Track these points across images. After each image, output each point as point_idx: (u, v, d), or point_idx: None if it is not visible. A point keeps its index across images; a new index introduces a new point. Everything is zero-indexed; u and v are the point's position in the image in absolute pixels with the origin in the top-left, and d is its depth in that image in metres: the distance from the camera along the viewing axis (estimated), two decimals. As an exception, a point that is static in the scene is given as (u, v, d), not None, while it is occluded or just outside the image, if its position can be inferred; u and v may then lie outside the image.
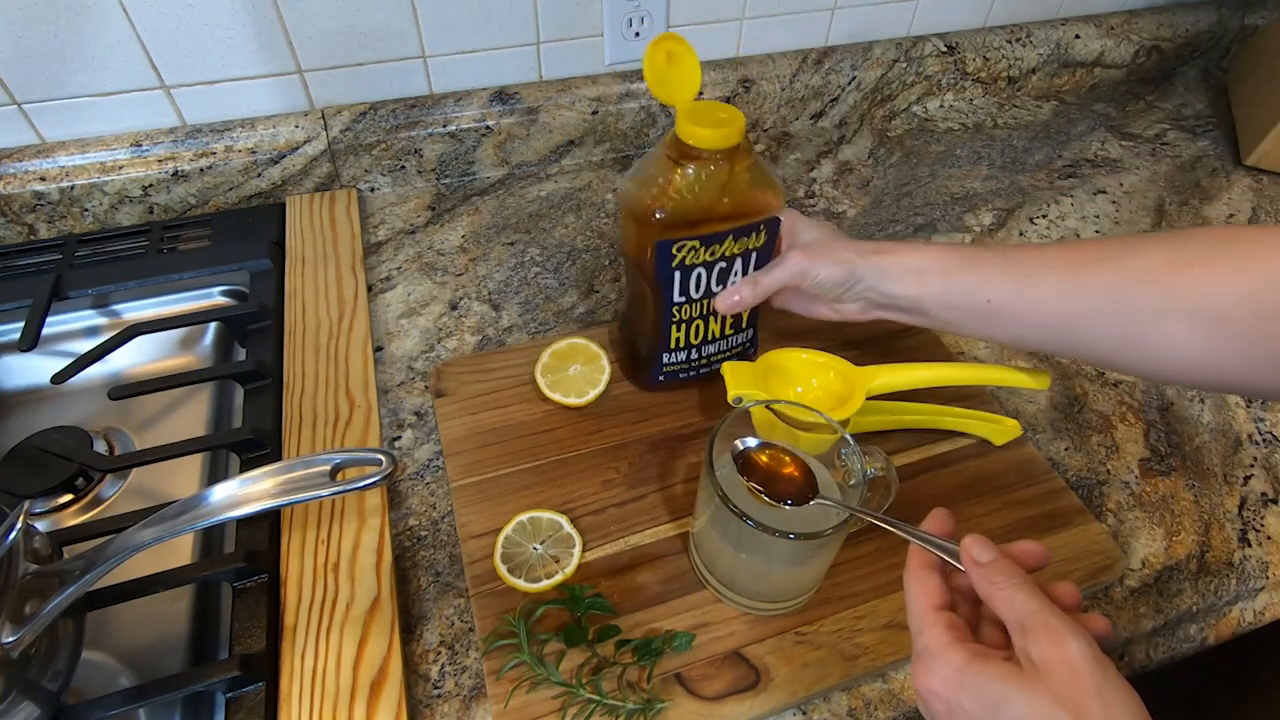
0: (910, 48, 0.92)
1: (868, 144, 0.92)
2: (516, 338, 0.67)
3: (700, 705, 0.45)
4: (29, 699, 0.41)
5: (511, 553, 0.50)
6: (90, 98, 0.70)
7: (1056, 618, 0.32)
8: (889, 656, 0.47)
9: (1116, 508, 0.57)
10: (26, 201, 0.71)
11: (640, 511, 0.54)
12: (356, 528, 0.52)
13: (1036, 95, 1.02)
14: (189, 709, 0.48)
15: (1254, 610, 0.53)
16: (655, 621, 0.48)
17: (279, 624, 0.48)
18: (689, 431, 0.59)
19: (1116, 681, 0.31)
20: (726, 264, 0.53)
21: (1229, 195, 0.87)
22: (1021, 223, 0.82)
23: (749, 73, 0.87)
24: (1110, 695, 0.30)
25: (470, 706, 0.46)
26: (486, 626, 0.48)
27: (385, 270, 0.73)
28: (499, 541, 0.51)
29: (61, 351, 0.67)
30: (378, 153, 0.78)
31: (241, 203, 0.77)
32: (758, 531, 0.41)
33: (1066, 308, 0.45)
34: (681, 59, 0.48)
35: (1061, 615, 0.32)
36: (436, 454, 0.58)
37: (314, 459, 0.41)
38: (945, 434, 0.59)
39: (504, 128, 0.81)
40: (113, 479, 0.59)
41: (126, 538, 0.40)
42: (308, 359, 0.62)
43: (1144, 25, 1.01)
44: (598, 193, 0.83)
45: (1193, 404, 0.65)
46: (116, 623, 0.51)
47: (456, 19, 0.75)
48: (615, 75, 0.83)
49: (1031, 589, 0.34)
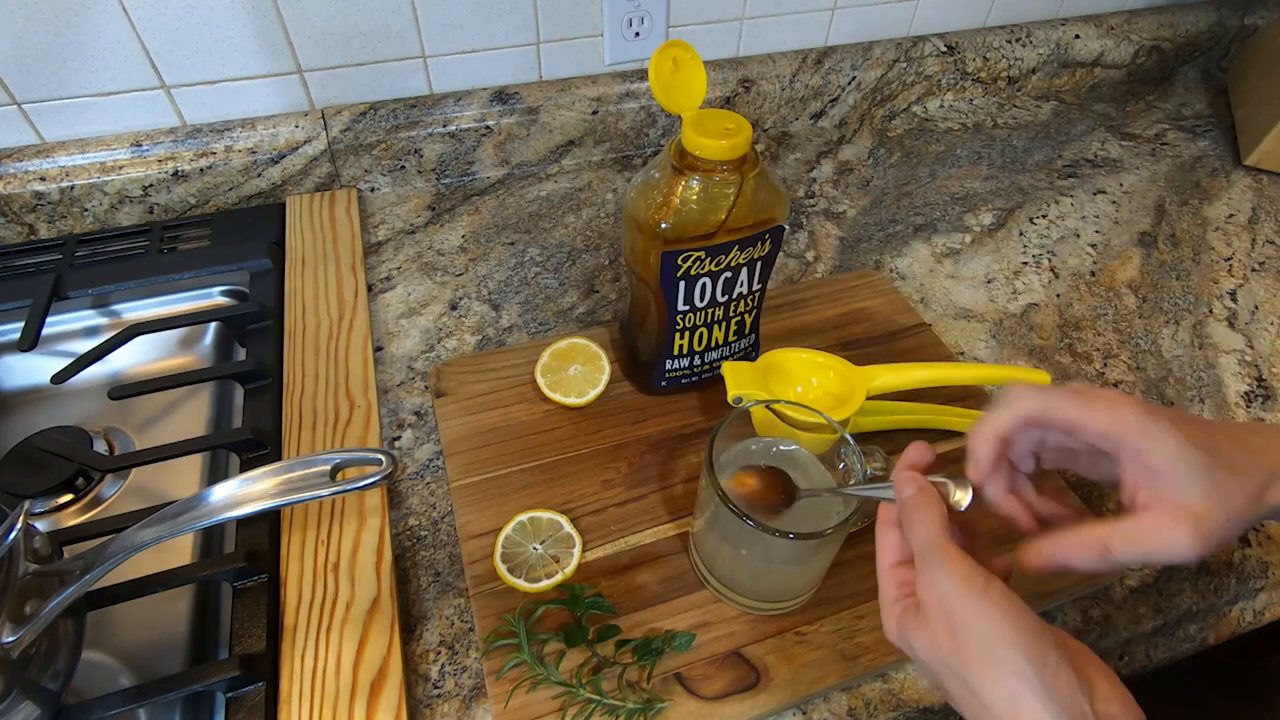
0: (910, 48, 0.92)
1: (868, 144, 0.92)
2: (516, 338, 0.67)
3: (700, 705, 0.45)
4: (29, 698, 0.41)
5: (511, 553, 0.50)
6: (90, 98, 0.70)
7: (932, 558, 0.33)
8: (889, 656, 0.47)
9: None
10: (26, 201, 0.71)
11: (640, 511, 0.54)
12: (356, 528, 0.52)
13: (1036, 95, 1.02)
14: (189, 709, 0.48)
15: (1254, 610, 0.53)
16: (655, 621, 0.48)
17: (279, 624, 0.48)
18: (689, 431, 0.59)
19: (983, 614, 0.31)
20: (732, 274, 0.52)
21: (1229, 195, 0.87)
22: (1021, 223, 0.82)
23: (749, 73, 0.87)
24: (973, 630, 0.31)
25: (470, 706, 0.46)
26: (486, 626, 0.48)
27: (385, 270, 0.73)
28: (499, 541, 0.51)
29: (61, 351, 0.67)
30: (378, 153, 0.78)
31: (241, 203, 0.77)
32: (758, 531, 0.42)
33: None
34: (687, 66, 0.48)
35: (941, 552, 0.34)
36: (436, 454, 0.58)
37: (314, 459, 0.41)
38: (945, 434, 0.59)
39: (504, 128, 0.81)
40: (113, 479, 0.59)
41: (126, 538, 0.40)
42: (308, 359, 0.62)
43: (1144, 25, 1.01)
44: (598, 193, 0.83)
45: (1192, 404, 0.65)
46: (116, 623, 0.51)
47: (456, 19, 0.75)
48: (615, 75, 0.83)
49: (930, 525, 0.35)
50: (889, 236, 0.79)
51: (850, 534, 0.47)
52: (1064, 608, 0.51)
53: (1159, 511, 0.34)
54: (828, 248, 0.77)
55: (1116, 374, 0.67)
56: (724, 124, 0.47)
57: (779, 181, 0.52)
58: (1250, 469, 0.35)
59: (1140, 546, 0.35)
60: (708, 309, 0.54)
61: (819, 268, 0.75)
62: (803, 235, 0.79)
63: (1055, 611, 0.51)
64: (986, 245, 0.79)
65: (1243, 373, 0.67)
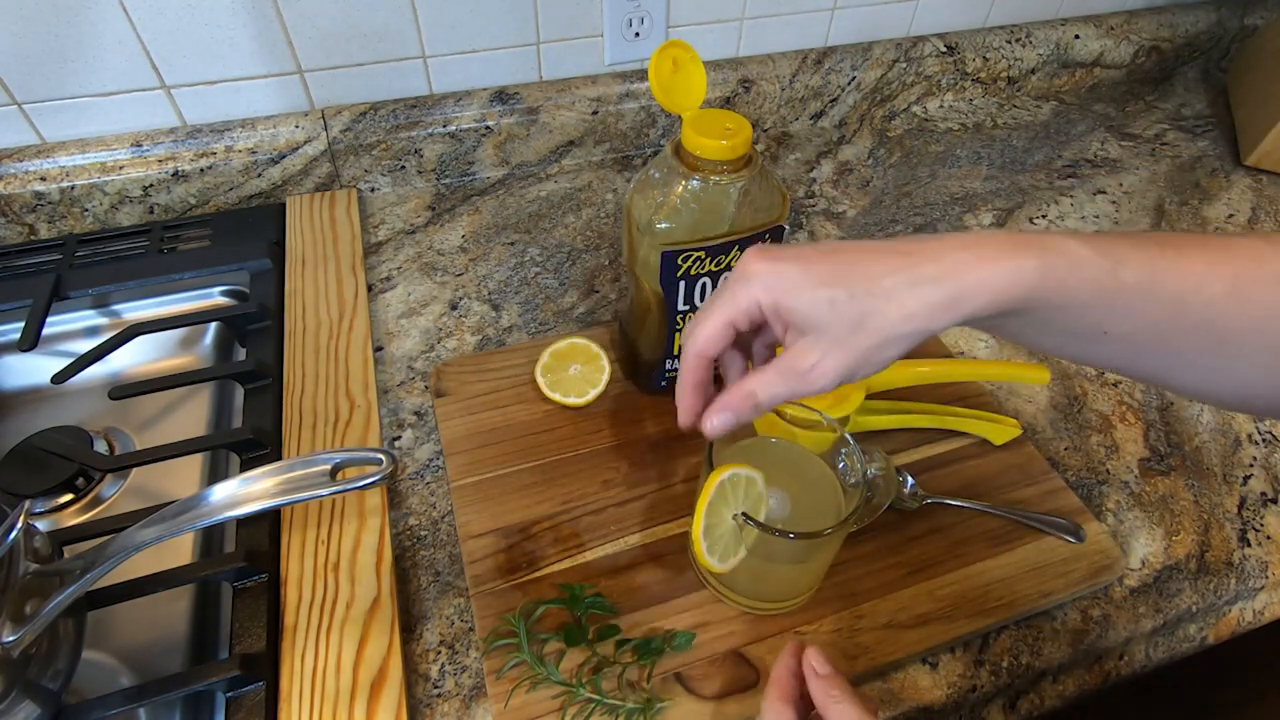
0: (910, 48, 0.92)
1: (868, 144, 0.92)
2: (516, 338, 0.67)
3: (700, 705, 0.45)
4: (29, 698, 0.41)
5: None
6: (90, 98, 0.70)
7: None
8: (889, 656, 0.47)
9: (1116, 507, 0.57)
10: (27, 201, 0.71)
11: (640, 511, 0.54)
12: (356, 528, 0.52)
13: (1036, 95, 1.02)
14: (189, 709, 0.48)
15: (1253, 610, 0.53)
16: (655, 621, 0.48)
17: (279, 624, 0.48)
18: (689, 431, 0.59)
19: None
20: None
21: (1229, 195, 0.87)
22: (1021, 223, 0.82)
23: (749, 73, 0.87)
24: None
25: (470, 706, 0.46)
26: (486, 626, 0.48)
27: (385, 270, 0.73)
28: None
29: (61, 351, 0.67)
30: (378, 153, 0.78)
31: (241, 203, 0.77)
32: (758, 531, 0.42)
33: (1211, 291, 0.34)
34: (687, 67, 0.48)
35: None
36: (436, 454, 0.58)
37: (314, 459, 0.41)
38: (945, 433, 0.59)
39: (504, 128, 0.81)
40: (113, 479, 0.59)
41: (126, 537, 0.40)
42: (308, 359, 0.62)
43: (1144, 25, 1.01)
44: (598, 193, 0.83)
45: (1192, 404, 0.65)
46: (116, 622, 0.51)
47: (456, 19, 0.75)
48: (615, 75, 0.83)
49: (857, 705, 0.37)
50: (889, 237, 0.79)
51: (850, 534, 0.47)
52: (1064, 607, 0.51)
53: (795, 349, 0.36)
54: (828, 248, 0.77)
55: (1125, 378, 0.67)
56: (724, 124, 0.47)
57: (779, 181, 0.52)
58: (876, 290, 0.35)
59: (777, 386, 0.36)
60: None
61: (819, 268, 0.75)
62: (803, 235, 0.79)
63: (1055, 611, 0.51)
64: (986, 245, 0.78)
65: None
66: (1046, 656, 0.49)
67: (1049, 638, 0.50)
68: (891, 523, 0.53)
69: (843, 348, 0.35)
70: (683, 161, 0.48)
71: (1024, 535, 0.53)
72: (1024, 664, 0.49)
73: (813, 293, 0.35)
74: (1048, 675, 0.49)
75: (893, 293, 0.34)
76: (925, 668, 0.48)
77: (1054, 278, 0.33)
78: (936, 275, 0.34)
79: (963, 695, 0.48)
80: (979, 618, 0.49)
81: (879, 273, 0.34)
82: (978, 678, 0.48)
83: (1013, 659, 0.49)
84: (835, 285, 0.34)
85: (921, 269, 0.34)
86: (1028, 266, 0.33)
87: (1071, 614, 0.51)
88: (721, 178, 0.48)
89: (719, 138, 0.46)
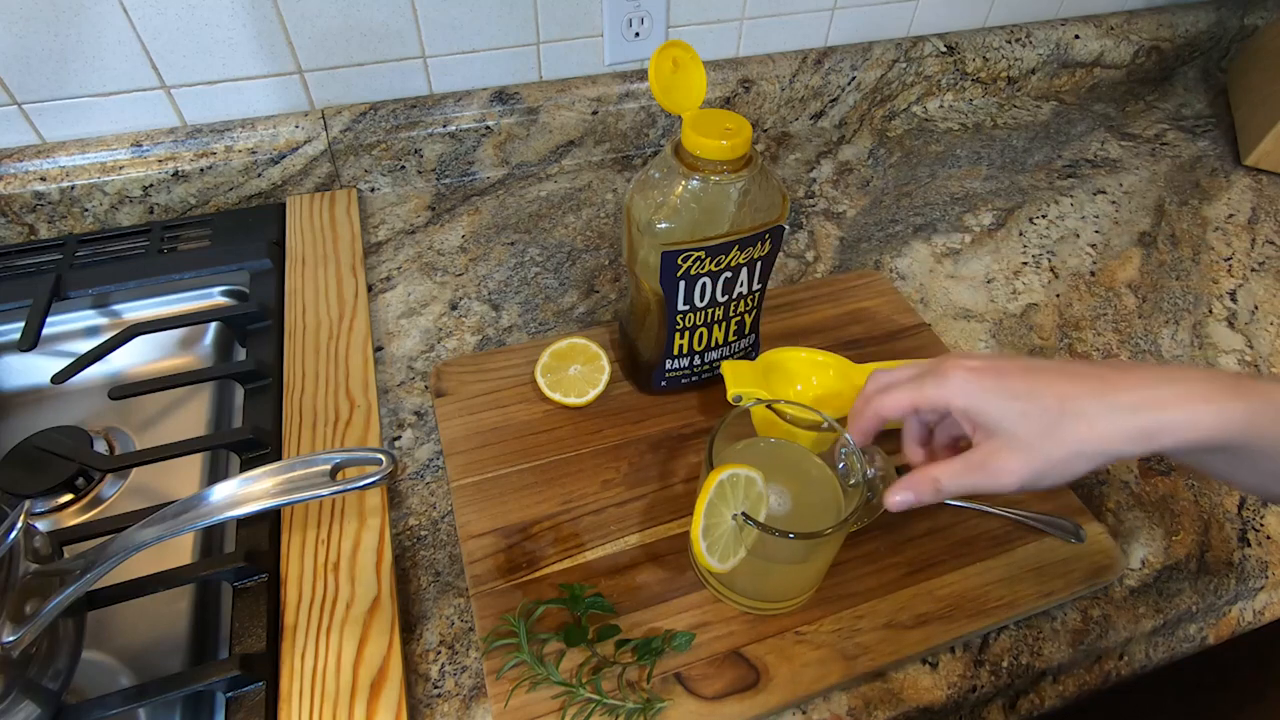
0: (910, 48, 0.92)
1: (868, 144, 0.92)
2: (516, 338, 0.67)
3: (700, 705, 0.45)
4: (29, 698, 0.41)
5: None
6: (90, 98, 0.70)
7: None
8: (889, 656, 0.47)
9: (1116, 507, 0.57)
10: (27, 201, 0.71)
11: (640, 511, 0.54)
12: (356, 528, 0.52)
13: (1036, 95, 1.02)
14: (189, 709, 0.48)
15: (1253, 610, 0.53)
16: (655, 621, 0.48)
17: (279, 624, 0.48)
18: (689, 431, 0.59)
19: None
20: (732, 274, 0.53)
21: (1229, 195, 0.87)
22: (1021, 223, 0.82)
23: (749, 73, 0.87)
24: None
25: (470, 706, 0.46)
26: (486, 626, 0.48)
27: (385, 270, 0.73)
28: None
29: (61, 351, 0.67)
30: (378, 153, 0.78)
31: (241, 203, 0.77)
32: (757, 531, 0.42)
33: None
34: (687, 67, 0.48)
35: None
36: (436, 454, 0.58)
37: (314, 459, 0.41)
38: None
39: (504, 128, 0.81)
40: (113, 479, 0.59)
41: (127, 537, 0.40)
42: (308, 359, 0.62)
43: (1144, 25, 1.01)
44: (598, 193, 0.83)
45: (1192, 404, 0.65)
46: (116, 622, 0.51)
47: (456, 19, 0.75)
48: (615, 75, 0.83)
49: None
50: (889, 236, 0.79)
51: (850, 534, 0.47)
52: (1064, 607, 0.51)
53: (983, 448, 0.39)
54: (827, 248, 0.77)
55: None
56: (724, 124, 0.47)
57: (779, 181, 0.52)
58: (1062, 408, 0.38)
59: (963, 478, 0.40)
60: (708, 309, 0.54)
61: (819, 268, 0.75)
62: (803, 235, 0.79)
63: (1055, 611, 0.51)
64: (986, 245, 0.79)
65: (1243, 373, 0.67)
66: (1046, 657, 0.49)
67: (1049, 638, 0.50)
68: (891, 523, 0.53)
69: (1032, 453, 0.37)
70: (683, 161, 0.48)
71: (1024, 535, 0.53)
72: (1024, 664, 0.49)
73: (1006, 403, 0.38)
74: (1048, 675, 0.49)
75: (1084, 413, 0.36)
76: (925, 668, 0.48)
77: (1261, 422, 0.34)
78: (1134, 405, 0.36)
79: (963, 695, 0.48)
80: (979, 618, 0.49)
81: (1073, 394, 0.37)
82: (978, 678, 0.48)
83: (1013, 659, 0.49)
84: (1028, 400, 0.37)
85: (1117, 396, 0.36)
86: (1234, 410, 0.34)
87: (1071, 614, 0.51)
88: (721, 178, 0.48)
89: (719, 138, 0.46)
